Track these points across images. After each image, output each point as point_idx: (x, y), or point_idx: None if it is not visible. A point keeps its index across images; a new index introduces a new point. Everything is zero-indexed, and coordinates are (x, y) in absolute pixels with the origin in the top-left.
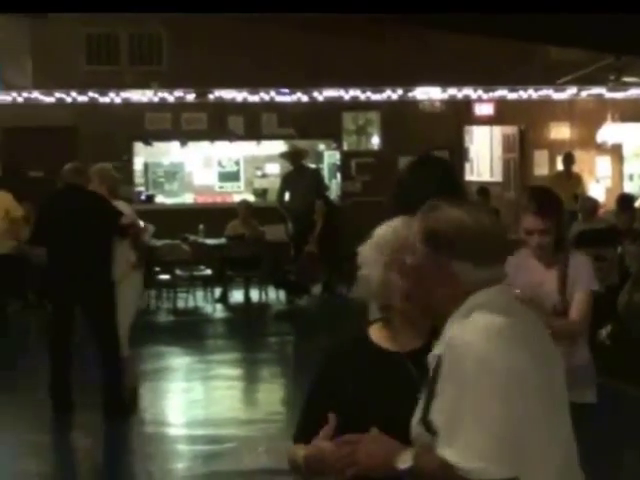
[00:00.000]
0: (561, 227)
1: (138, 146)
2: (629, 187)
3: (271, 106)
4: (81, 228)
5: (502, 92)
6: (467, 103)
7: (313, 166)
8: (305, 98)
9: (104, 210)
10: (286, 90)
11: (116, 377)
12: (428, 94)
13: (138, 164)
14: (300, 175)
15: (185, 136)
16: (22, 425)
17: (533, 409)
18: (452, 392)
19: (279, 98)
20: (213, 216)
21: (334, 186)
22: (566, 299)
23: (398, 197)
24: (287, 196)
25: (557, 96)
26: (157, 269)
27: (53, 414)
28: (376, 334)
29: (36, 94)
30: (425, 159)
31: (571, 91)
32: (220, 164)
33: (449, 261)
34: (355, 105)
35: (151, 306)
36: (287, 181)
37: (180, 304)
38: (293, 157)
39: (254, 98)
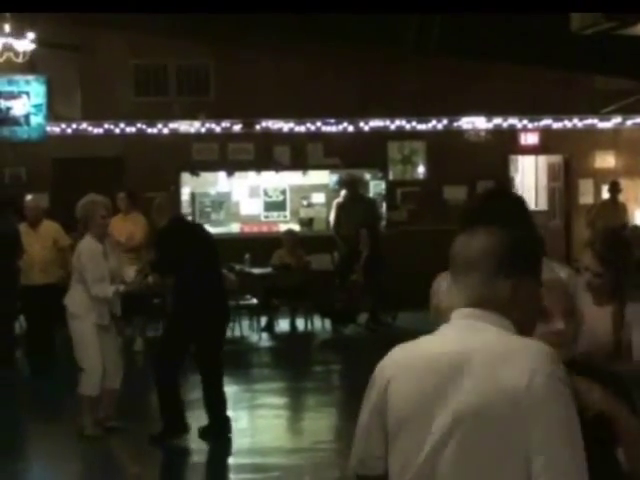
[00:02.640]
0: (620, 275)
1: (185, 176)
2: None
3: (317, 136)
4: (212, 258)
5: (547, 121)
6: (512, 132)
7: (370, 196)
8: (351, 128)
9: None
10: (332, 120)
11: (220, 401)
12: (473, 124)
13: (185, 194)
14: (354, 204)
15: (232, 166)
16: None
17: (380, 424)
18: None
19: (325, 128)
20: (259, 245)
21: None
22: (619, 340)
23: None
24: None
25: (602, 125)
26: None
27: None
28: None
29: (85, 125)
30: (497, 192)
31: (616, 120)
32: (266, 194)
33: None
34: (401, 135)
35: None
36: (341, 209)
37: (226, 333)
38: (349, 185)
39: (300, 128)
